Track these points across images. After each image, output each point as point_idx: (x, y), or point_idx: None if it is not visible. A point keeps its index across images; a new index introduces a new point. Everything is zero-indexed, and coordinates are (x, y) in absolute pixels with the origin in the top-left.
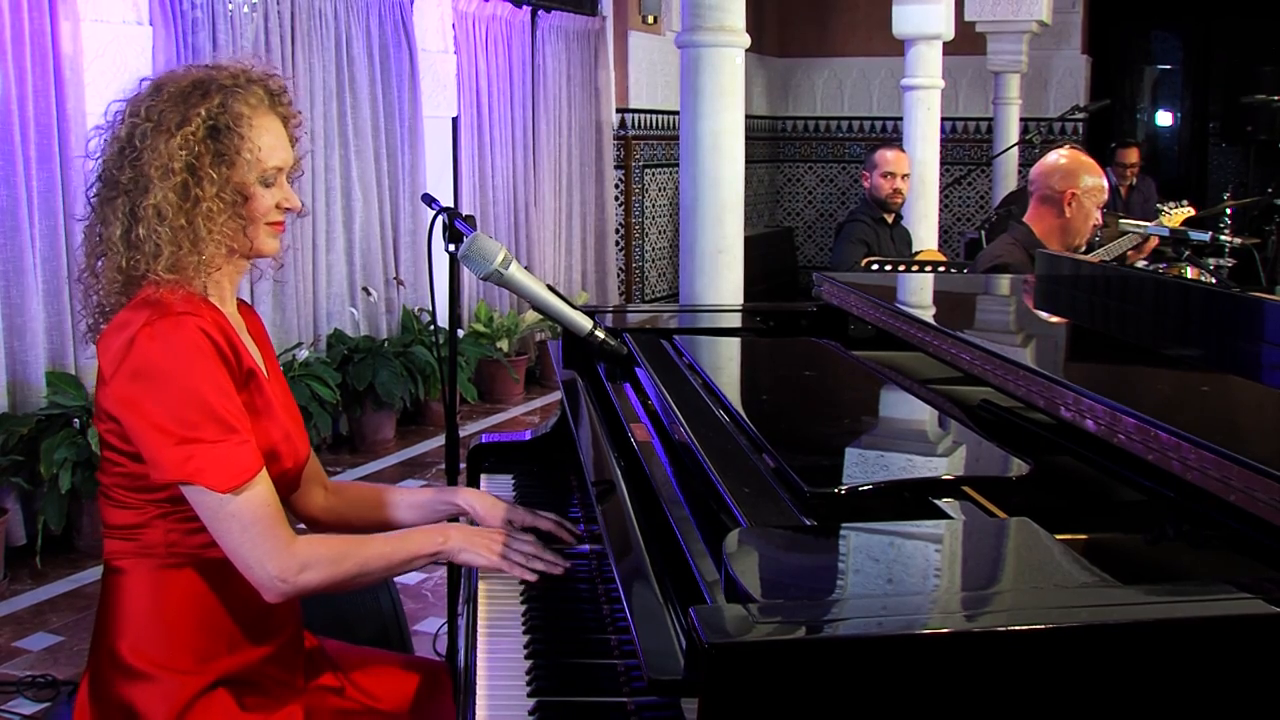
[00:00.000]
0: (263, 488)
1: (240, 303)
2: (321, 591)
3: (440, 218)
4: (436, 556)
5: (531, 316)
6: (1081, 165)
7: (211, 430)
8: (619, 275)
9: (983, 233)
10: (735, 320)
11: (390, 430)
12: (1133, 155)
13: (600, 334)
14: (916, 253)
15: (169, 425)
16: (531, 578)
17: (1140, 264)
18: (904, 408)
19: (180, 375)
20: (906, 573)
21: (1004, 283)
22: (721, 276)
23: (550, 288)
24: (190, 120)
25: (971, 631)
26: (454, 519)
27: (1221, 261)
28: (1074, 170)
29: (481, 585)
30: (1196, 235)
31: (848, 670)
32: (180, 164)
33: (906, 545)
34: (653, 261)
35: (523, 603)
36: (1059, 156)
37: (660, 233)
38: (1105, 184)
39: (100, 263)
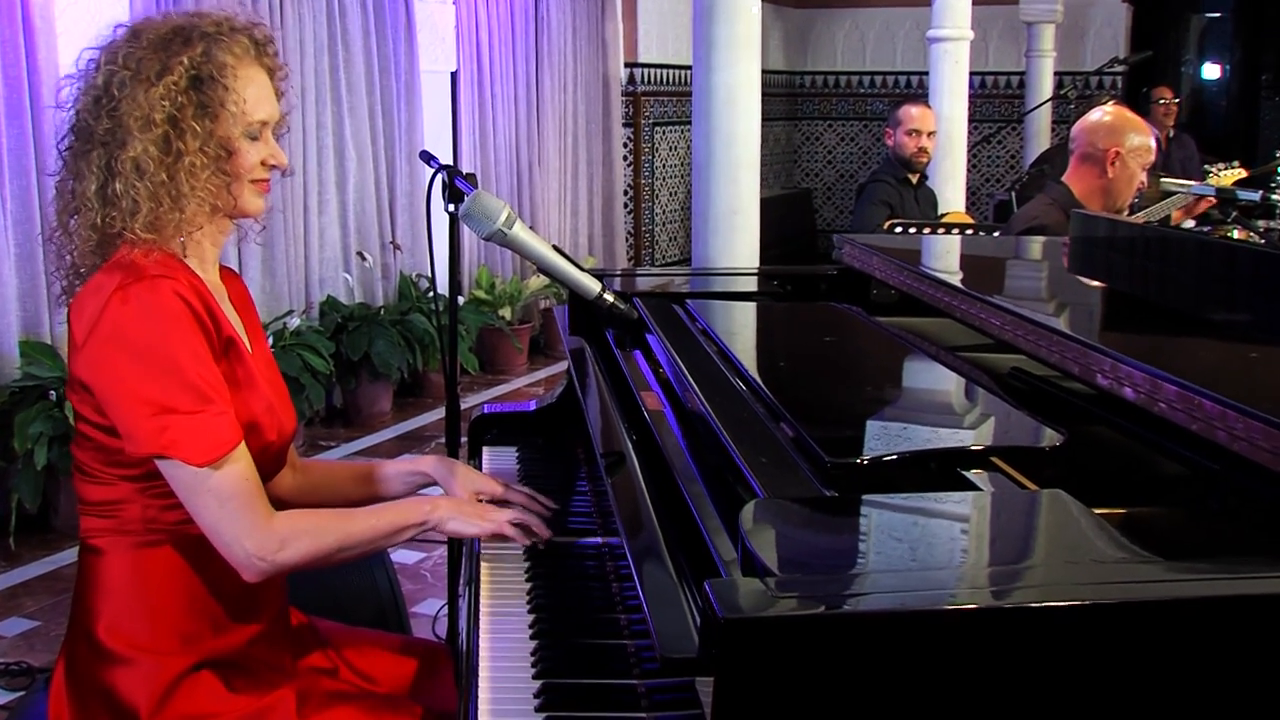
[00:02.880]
0: (241, 462)
1: (223, 269)
2: (304, 568)
3: (440, 176)
4: (423, 526)
5: (536, 282)
6: (1128, 123)
7: (187, 400)
8: (628, 239)
9: (1013, 194)
10: (751, 284)
11: (387, 402)
12: (1167, 92)
13: (609, 297)
14: (942, 215)
15: (143, 395)
16: (526, 541)
17: (1188, 225)
18: (929, 375)
19: (155, 342)
20: (932, 547)
21: (1036, 245)
22: (736, 239)
23: (556, 248)
24: (172, 69)
25: (1001, 608)
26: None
27: (1273, 224)
28: (1119, 128)
29: (484, 564)
30: (1245, 195)
31: (869, 648)
32: (161, 115)
33: (932, 518)
34: (663, 224)
35: (528, 580)
36: (1103, 113)
37: (671, 194)
38: (1153, 144)
39: (73, 220)
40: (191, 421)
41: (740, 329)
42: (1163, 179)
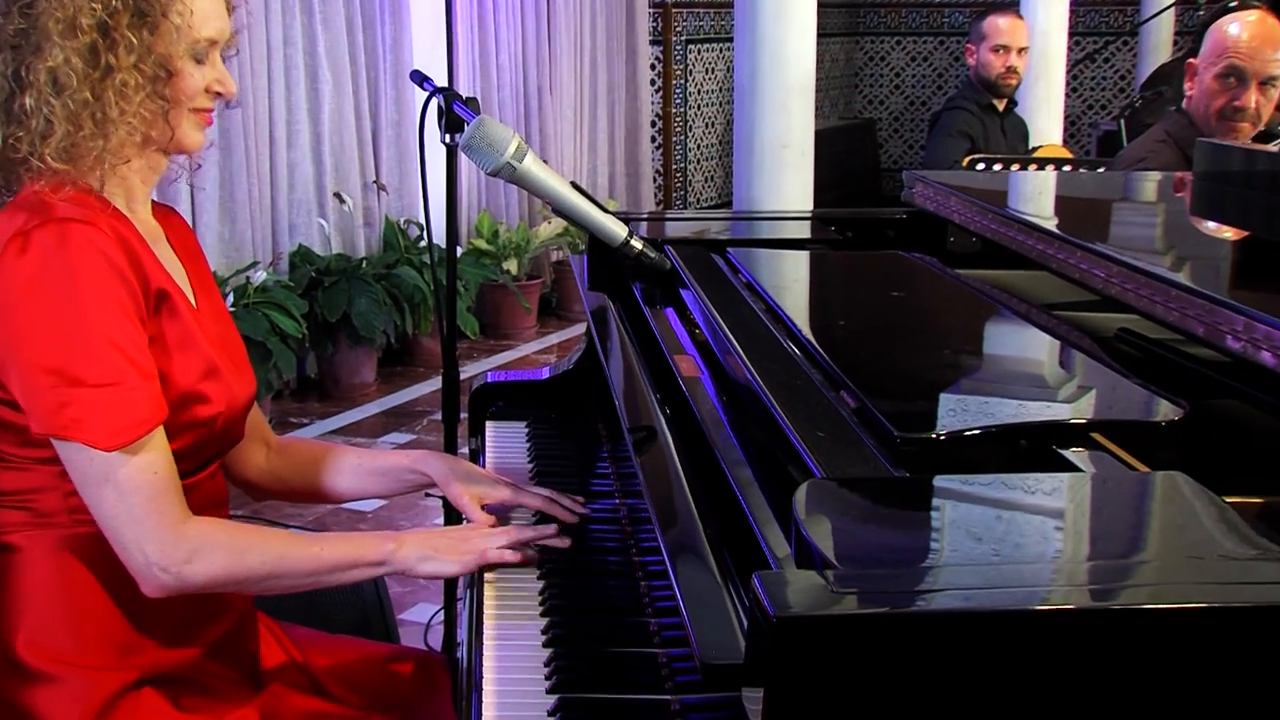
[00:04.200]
0: (156, 450)
1: (158, 207)
2: (215, 589)
3: (435, 100)
4: (382, 569)
5: (547, 230)
6: (1276, 34)
7: (96, 371)
8: (656, 179)
9: (1121, 122)
10: (804, 230)
11: (370, 372)
12: None
13: (637, 244)
14: (1035, 148)
15: (44, 364)
16: (516, 559)
17: None
18: (1019, 337)
19: (60, 300)
20: (1022, 537)
21: (1151, 183)
22: (786, 177)
23: (575, 186)
24: None
25: (1106, 610)
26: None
27: None
28: (1267, 40)
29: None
30: None
31: (945, 654)
32: (90, 20)
33: (1021, 504)
34: (698, 161)
35: (540, 579)
36: (1243, 22)
37: (708, 125)
38: None
39: None
40: (100, 397)
41: (791, 282)
42: None
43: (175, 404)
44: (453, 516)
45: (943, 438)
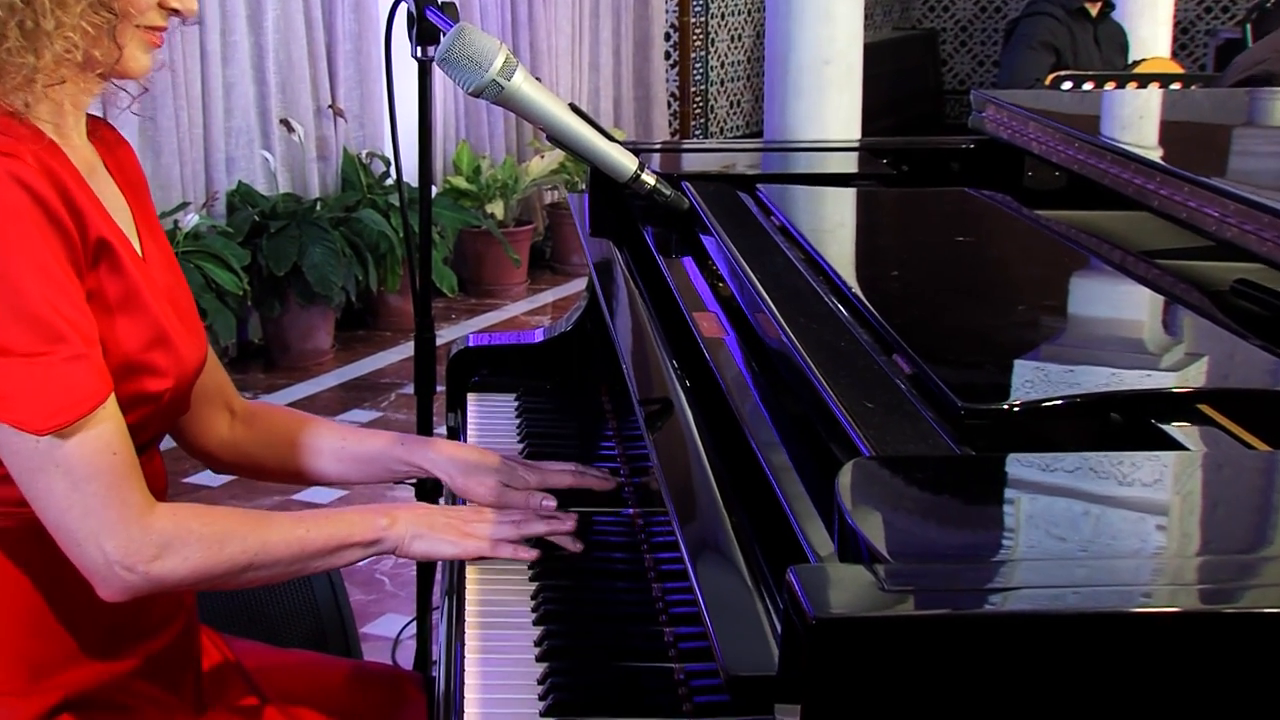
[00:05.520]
0: (106, 427)
1: (95, 125)
2: (189, 587)
3: (404, 5)
4: (376, 548)
5: (539, 166)
6: None
7: (25, 338)
8: (671, 102)
9: (1247, 27)
10: (850, 163)
11: (326, 336)
12: None
13: (650, 179)
14: (1136, 62)
15: None
16: (529, 555)
17: None
18: (1111, 291)
19: None
20: (1113, 527)
21: (1277, 103)
22: (829, 100)
23: (574, 108)
24: None
25: (1220, 613)
26: (421, 486)
27: None
28: None
29: (471, 561)
30: None
31: (1020, 665)
32: None
33: (1113, 488)
34: (722, 82)
35: (533, 580)
36: None
37: (734, 38)
38: None
39: None
40: (31, 369)
41: (835, 226)
42: None
43: (116, 376)
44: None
45: (1016, 410)
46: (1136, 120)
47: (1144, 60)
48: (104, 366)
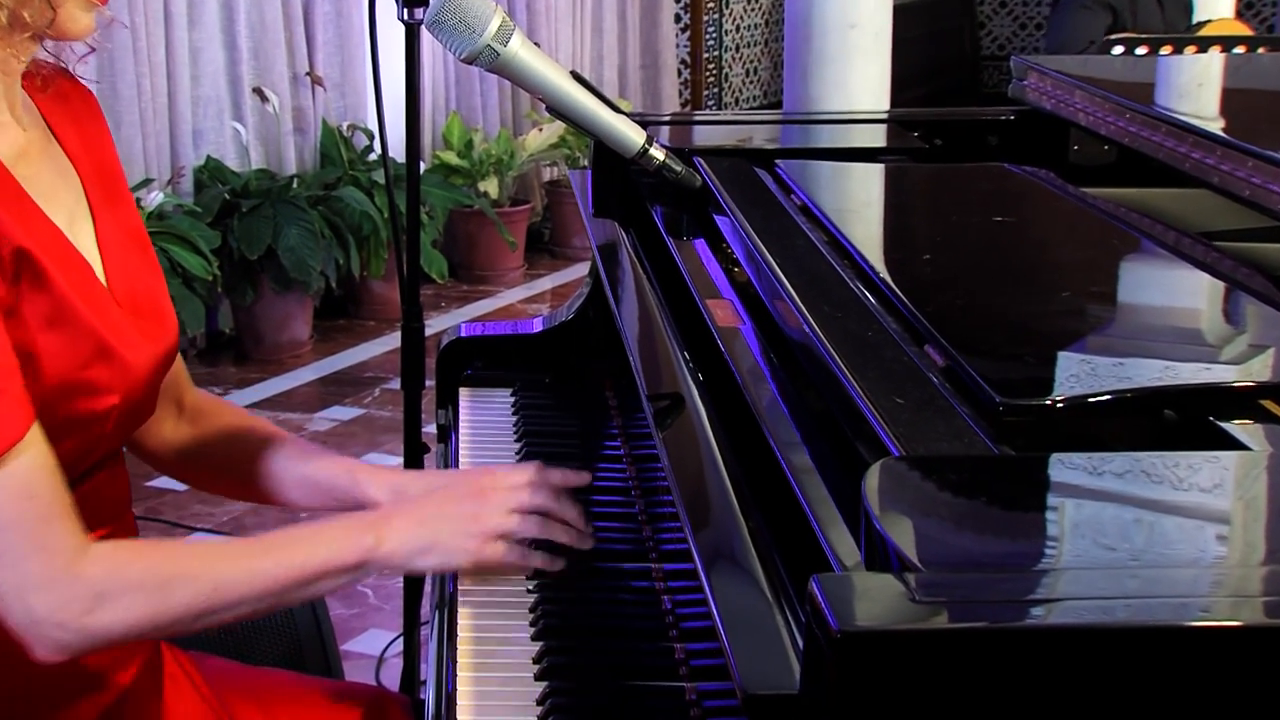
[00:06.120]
0: (24, 466)
1: (54, 77)
2: (137, 638)
3: None
4: (360, 572)
5: (537, 140)
6: None
7: None
8: (682, 71)
9: None
10: (878, 136)
11: (304, 326)
12: None
13: (659, 154)
14: (1199, 24)
15: None
16: (554, 566)
17: None
18: (1165, 276)
19: None
20: (1168, 535)
21: None
22: (855, 68)
23: (576, 77)
24: None
25: None
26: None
27: None
28: None
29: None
30: None
31: (1065, 684)
32: None
33: (1168, 492)
34: (737, 48)
35: (532, 592)
36: None
37: (750, 0)
38: None
39: None
40: None
41: (861, 205)
42: None
43: (51, 399)
44: None
45: (1060, 406)
46: (1195, 88)
47: (1208, 22)
48: (23, 397)
